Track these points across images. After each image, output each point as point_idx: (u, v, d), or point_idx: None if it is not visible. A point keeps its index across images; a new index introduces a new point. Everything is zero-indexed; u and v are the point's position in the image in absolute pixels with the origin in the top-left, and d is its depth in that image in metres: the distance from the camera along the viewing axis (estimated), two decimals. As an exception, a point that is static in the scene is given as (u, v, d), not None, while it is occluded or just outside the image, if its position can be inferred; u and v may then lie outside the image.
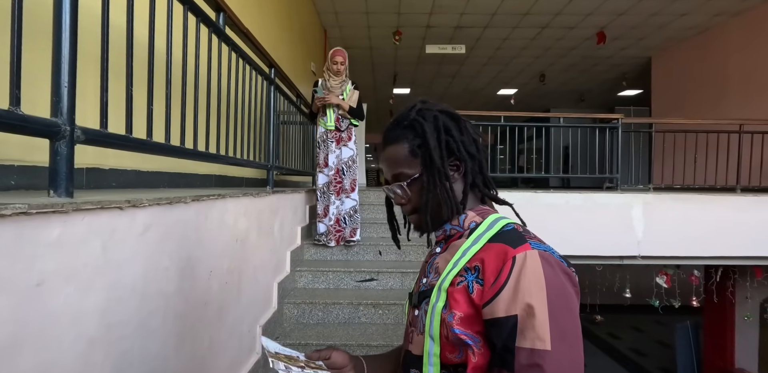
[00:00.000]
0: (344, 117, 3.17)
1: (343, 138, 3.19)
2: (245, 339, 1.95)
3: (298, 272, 3.00)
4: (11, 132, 0.72)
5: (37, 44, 1.09)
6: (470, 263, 0.65)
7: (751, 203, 3.85)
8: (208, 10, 1.53)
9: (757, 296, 5.53)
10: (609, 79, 9.41)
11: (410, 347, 0.71)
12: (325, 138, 3.20)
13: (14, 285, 0.66)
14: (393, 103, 10.85)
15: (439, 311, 0.65)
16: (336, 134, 3.17)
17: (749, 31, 5.88)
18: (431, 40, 7.11)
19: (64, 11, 0.81)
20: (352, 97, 3.16)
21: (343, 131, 3.19)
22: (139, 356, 1.02)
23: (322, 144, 3.22)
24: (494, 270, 0.61)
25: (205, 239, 1.42)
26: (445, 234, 0.74)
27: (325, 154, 3.20)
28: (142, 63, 1.11)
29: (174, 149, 1.29)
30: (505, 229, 0.67)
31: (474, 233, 0.69)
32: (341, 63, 3.12)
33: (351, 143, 3.23)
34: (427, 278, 0.73)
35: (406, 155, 0.71)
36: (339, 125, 3.16)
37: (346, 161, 3.19)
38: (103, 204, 0.85)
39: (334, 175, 3.15)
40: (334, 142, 3.16)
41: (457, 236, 0.72)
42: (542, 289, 0.57)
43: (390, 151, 0.73)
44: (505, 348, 0.57)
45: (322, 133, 3.21)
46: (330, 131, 3.16)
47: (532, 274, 0.58)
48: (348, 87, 3.18)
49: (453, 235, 0.73)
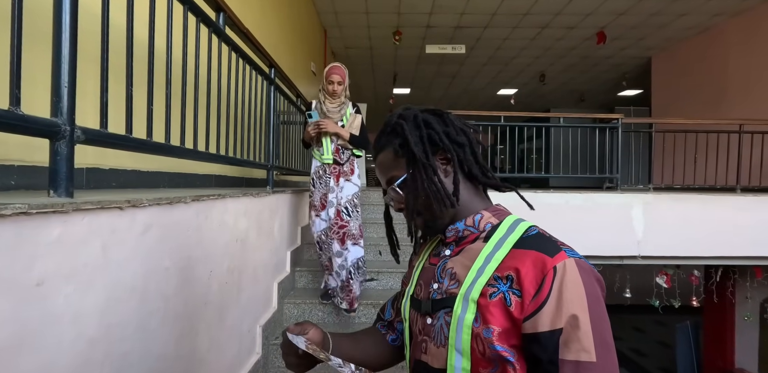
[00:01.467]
0: (344, 147, 2.55)
1: (345, 172, 2.55)
2: (245, 339, 1.95)
3: (298, 272, 3.00)
4: (11, 132, 0.72)
5: (37, 44, 1.09)
6: (500, 271, 0.61)
7: (751, 202, 3.85)
8: (208, 10, 1.53)
9: (757, 296, 5.53)
10: (609, 79, 9.41)
11: (425, 359, 0.67)
12: (320, 174, 2.55)
13: (14, 285, 0.66)
14: (393, 103, 10.85)
15: (469, 324, 0.60)
16: (335, 169, 2.53)
17: (749, 31, 5.88)
18: (431, 40, 7.11)
19: (64, 11, 0.81)
20: (354, 123, 2.55)
21: (344, 164, 2.55)
22: (139, 356, 1.02)
23: (318, 181, 2.57)
24: (533, 281, 0.57)
25: (205, 239, 1.42)
26: (457, 235, 0.70)
27: (321, 193, 2.55)
28: (142, 63, 1.11)
29: (174, 149, 1.29)
30: (530, 233, 0.64)
31: (493, 236, 0.66)
32: (338, 83, 2.47)
33: (354, 177, 2.58)
34: (440, 283, 0.68)
35: (393, 158, 0.71)
36: (338, 158, 2.53)
37: (350, 199, 2.54)
38: (103, 204, 0.85)
39: (335, 219, 2.50)
40: (332, 179, 2.53)
41: (471, 238, 0.68)
42: (583, 299, 0.56)
43: (380, 160, 0.73)
44: (550, 362, 0.55)
45: (316, 167, 2.58)
46: (327, 165, 2.54)
47: (573, 285, 0.56)
48: (348, 110, 2.58)
49: (466, 236, 0.69)
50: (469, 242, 0.68)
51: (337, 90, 2.50)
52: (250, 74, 2.10)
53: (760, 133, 4.30)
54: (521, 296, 0.58)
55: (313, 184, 2.61)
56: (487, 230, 0.67)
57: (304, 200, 3.51)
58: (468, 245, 0.68)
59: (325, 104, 2.56)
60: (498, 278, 0.60)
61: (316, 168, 2.60)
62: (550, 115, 4.78)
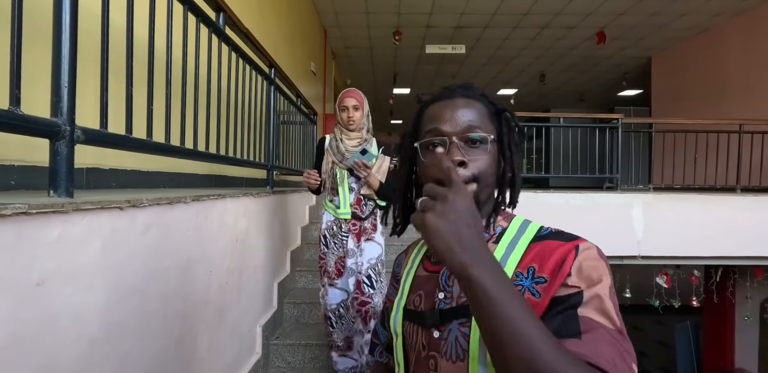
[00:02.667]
0: (368, 198, 2.03)
1: (366, 230, 2.02)
2: (245, 339, 1.95)
3: (298, 272, 3.00)
4: (11, 132, 0.72)
5: (37, 44, 1.09)
6: (520, 267, 0.57)
7: (751, 202, 3.85)
8: (208, 10, 1.53)
9: (757, 296, 5.52)
10: (609, 79, 9.41)
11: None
12: (335, 231, 2.03)
13: (14, 285, 0.66)
14: (393, 103, 10.85)
15: None
16: (354, 225, 2.01)
17: (749, 31, 5.88)
18: (431, 40, 7.11)
19: (64, 11, 0.81)
20: (381, 168, 1.99)
21: (366, 219, 2.03)
22: (139, 356, 1.02)
23: (332, 240, 2.03)
24: (556, 263, 0.55)
25: (205, 239, 1.42)
26: None
27: (337, 256, 2.01)
28: (142, 63, 1.11)
29: (174, 149, 1.29)
30: (543, 232, 0.61)
31: (503, 239, 0.62)
32: (355, 107, 1.94)
33: (378, 235, 2.05)
34: (447, 292, 0.61)
35: (485, 114, 0.64)
36: (359, 211, 2.01)
37: (374, 265, 2.01)
38: (103, 204, 0.85)
39: (356, 292, 1.98)
40: (351, 238, 2.00)
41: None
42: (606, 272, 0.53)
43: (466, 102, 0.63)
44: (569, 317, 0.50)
45: (329, 223, 2.04)
46: (344, 221, 2.02)
47: (595, 260, 0.54)
48: (373, 149, 2.00)
49: None
50: None
51: (355, 118, 1.94)
52: (250, 74, 2.10)
53: (760, 133, 4.30)
54: (546, 281, 0.54)
55: (324, 243, 2.05)
56: (498, 233, 0.64)
57: (304, 200, 3.51)
58: None
59: (342, 143, 1.98)
60: (519, 274, 0.57)
61: (328, 223, 2.05)
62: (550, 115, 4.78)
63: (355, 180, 2.00)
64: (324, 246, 2.05)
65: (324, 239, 2.06)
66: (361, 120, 1.98)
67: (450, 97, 0.64)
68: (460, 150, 0.60)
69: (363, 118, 1.98)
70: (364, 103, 1.99)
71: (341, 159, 1.97)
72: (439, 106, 0.64)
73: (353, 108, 1.95)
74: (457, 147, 0.60)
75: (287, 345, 2.37)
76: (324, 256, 2.05)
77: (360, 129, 2.00)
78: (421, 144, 0.63)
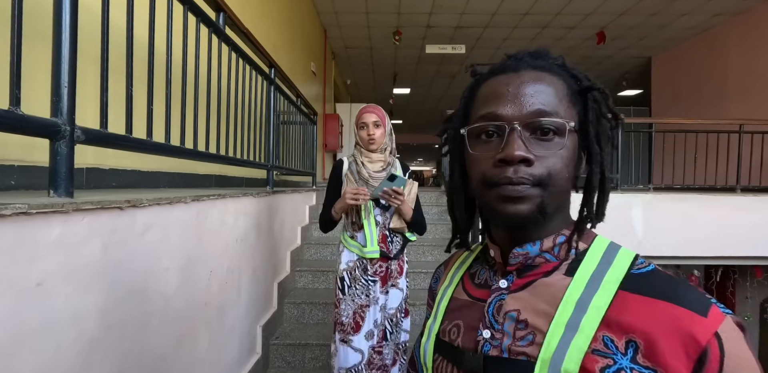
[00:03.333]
0: (397, 232, 1.72)
1: (393, 273, 1.72)
2: (245, 339, 1.95)
3: (298, 272, 3.00)
4: (11, 132, 0.72)
5: (37, 44, 1.09)
6: (609, 329, 0.40)
7: (751, 202, 3.85)
8: (208, 10, 1.53)
9: (757, 296, 5.53)
10: (609, 79, 9.40)
11: None
12: (357, 274, 1.70)
13: (14, 285, 0.66)
14: (393, 103, 10.85)
15: None
16: (381, 267, 1.70)
17: (749, 31, 5.88)
18: (431, 40, 7.11)
19: (64, 11, 0.81)
20: (411, 194, 1.69)
21: (395, 258, 1.72)
22: (139, 356, 1.02)
23: (355, 285, 1.69)
24: (682, 356, 0.37)
25: (205, 239, 1.42)
26: (524, 261, 0.47)
27: (357, 305, 1.68)
28: (142, 63, 1.11)
29: (174, 149, 1.29)
30: (643, 269, 0.43)
31: (580, 269, 0.45)
32: (375, 124, 1.67)
33: (402, 280, 1.75)
34: (496, 331, 0.46)
35: (565, 94, 0.46)
36: (387, 249, 1.69)
37: (395, 313, 1.73)
38: (103, 204, 0.85)
39: (377, 347, 1.69)
40: (376, 283, 1.69)
41: (545, 268, 0.47)
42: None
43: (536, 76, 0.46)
44: None
45: (350, 263, 1.71)
46: (369, 261, 1.69)
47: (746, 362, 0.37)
48: (398, 173, 1.69)
49: (537, 265, 0.47)
50: (540, 273, 0.47)
51: (376, 136, 1.66)
52: (250, 74, 2.10)
53: (760, 133, 4.30)
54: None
55: (341, 287, 1.70)
56: (571, 259, 0.47)
57: (304, 200, 3.51)
58: (539, 277, 0.47)
59: (364, 167, 1.68)
60: (609, 342, 0.40)
61: (348, 264, 1.71)
62: (550, 115, 4.78)
63: (380, 211, 1.69)
64: (340, 291, 1.70)
65: (341, 282, 1.70)
66: (383, 139, 1.69)
67: (515, 69, 0.47)
68: (524, 142, 0.44)
69: (385, 137, 1.70)
70: (386, 120, 1.71)
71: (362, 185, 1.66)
72: (499, 81, 0.47)
73: (373, 125, 1.67)
74: (520, 138, 0.44)
75: (287, 345, 2.38)
76: (339, 303, 1.69)
77: (383, 150, 1.71)
78: (470, 131, 0.47)
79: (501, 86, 0.47)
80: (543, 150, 0.44)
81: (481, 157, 0.46)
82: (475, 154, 0.47)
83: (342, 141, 7.34)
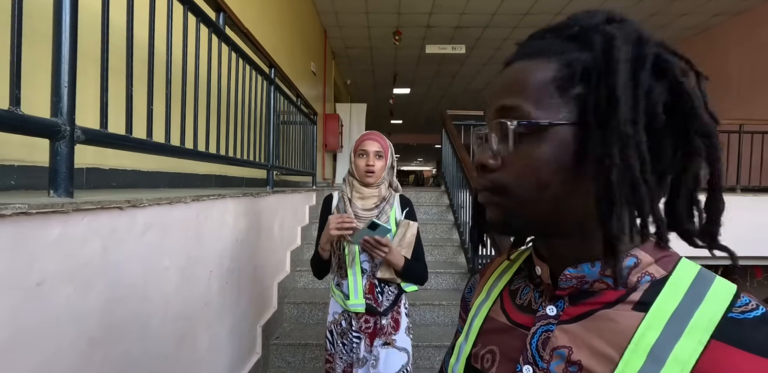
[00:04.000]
0: (388, 282, 1.44)
1: (384, 328, 1.43)
2: (245, 339, 1.95)
3: (298, 272, 3.00)
4: (11, 132, 0.72)
5: (37, 44, 1.09)
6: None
7: (751, 202, 3.85)
8: (208, 10, 1.53)
9: (757, 296, 5.52)
10: (609, 79, 9.41)
11: None
12: (343, 328, 1.47)
13: (14, 285, 0.66)
14: (393, 103, 10.85)
15: None
16: (368, 322, 1.43)
17: (749, 31, 5.88)
18: (431, 40, 7.11)
19: (64, 11, 0.81)
20: (405, 237, 1.44)
21: (386, 313, 1.43)
22: (139, 356, 1.02)
23: (340, 340, 1.46)
24: None
25: (205, 239, 1.42)
26: (579, 286, 0.38)
27: (346, 363, 1.46)
28: (142, 63, 1.11)
29: (174, 149, 1.29)
30: (750, 312, 0.32)
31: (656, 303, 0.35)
32: (377, 154, 1.43)
33: (401, 336, 1.44)
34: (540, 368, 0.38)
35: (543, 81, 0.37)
36: (375, 302, 1.42)
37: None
38: (103, 204, 0.85)
39: None
40: (363, 340, 1.43)
41: (609, 297, 0.37)
42: None
43: (515, 70, 0.39)
44: None
45: (336, 316, 1.49)
46: (354, 316, 1.45)
47: None
48: (394, 213, 1.48)
49: (595, 292, 0.38)
50: (600, 303, 0.37)
51: (376, 168, 1.42)
52: (250, 74, 2.10)
53: (760, 133, 4.30)
54: None
55: (330, 341, 1.49)
56: (643, 289, 0.36)
57: (304, 200, 3.51)
58: (600, 308, 0.37)
59: (351, 204, 1.45)
60: None
61: (335, 316, 1.50)
62: (550, 115, 4.78)
63: (368, 257, 1.43)
64: (331, 345, 1.49)
65: (330, 335, 1.49)
66: (383, 172, 1.45)
67: (508, 61, 0.42)
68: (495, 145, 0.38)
69: (385, 171, 1.46)
70: (389, 152, 1.46)
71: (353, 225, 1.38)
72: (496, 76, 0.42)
73: (375, 155, 1.43)
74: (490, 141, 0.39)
75: (287, 345, 2.38)
76: (331, 358, 1.48)
77: (377, 182, 1.46)
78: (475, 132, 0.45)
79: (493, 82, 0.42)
80: (514, 153, 0.37)
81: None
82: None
83: (342, 141, 7.34)
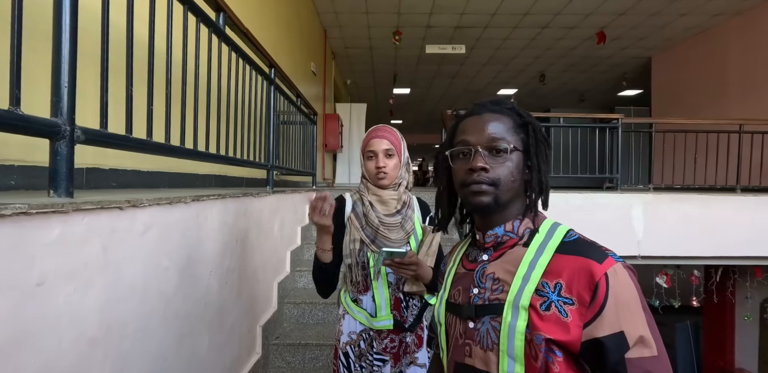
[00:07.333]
0: (414, 295, 1.31)
1: (409, 347, 1.31)
2: (245, 339, 1.95)
3: (298, 272, 3.00)
4: (11, 132, 0.72)
5: (37, 44, 1.09)
6: (546, 277, 0.63)
7: (751, 202, 3.85)
8: (208, 10, 1.53)
9: (757, 296, 5.52)
10: (609, 79, 9.41)
11: (470, 362, 0.68)
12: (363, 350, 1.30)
13: (14, 285, 0.66)
14: (393, 103, 10.85)
15: (521, 331, 0.62)
16: (393, 341, 1.29)
17: (749, 31, 5.88)
18: (431, 40, 7.11)
19: (64, 11, 0.81)
20: (431, 248, 1.31)
21: (411, 330, 1.31)
22: (139, 356, 1.02)
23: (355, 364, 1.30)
24: (586, 288, 0.59)
25: (205, 239, 1.42)
26: (496, 240, 0.71)
27: None
28: (142, 63, 1.11)
29: (174, 149, 1.29)
30: (570, 238, 0.66)
31: (532, 241, 0.68)
32: (386, 153, 1.27)
33: (423, 353, 1.33)
34: (481, 288, 0.69)
35: (511, 126, 0.70)
36: (402, 317, 1.29)
37: None
38: (103, 204, 0.85)
39: None
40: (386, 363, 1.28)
41: (510, 243, 0.70)
42: (637, 300, 0.59)
43: (492, 117, 0.71)
44: (617, 363, 0.57)
45: (352, 335, 1.32)
46: (377, 334, 1.29)
47: (626, 288, 0.59)
48: (417, 220, 1.34)
49: (505, 242, 0.71)
50: (507, 246, 0.70)
51: (388, 168, 1.27)
52: (250, 74, 2.10)
53: (760, 133, 4.30)
54: (574, 304, 0.60)
55: (345, 365, 1.31)
56: (526, 236, 0.69)
57: (304, 200, 3.50)
58: (507, 249, 0.70)
59: (372, 209, 1.29)
60: (546, 285, 0.62)
61: (351, 336, 1.32)
62: (550, 115, 4.77)
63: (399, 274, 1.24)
64: (345, 369, 1.30)
65: (345, 359, 1.30)
66: (397, 172, 1.28)
67: (479, 113, 0.72)
68: (483, 158, 0.68)
69: (400, 169, 1.29)
70: (402, 147, 1.30)
71: (374, 237, 1.26)
72: (469, 120, 0.73)
73: (384, 154, 1.26)
74: (480, 155, 0.68)
75: (287, 345, 2.38)
76: None
77: (396, 186, 1.30)
78: (452, 152, 0.72)
79: (470, 123, 0.72)
80: (496, 163, 0.68)
81: (459, 168, 0.71)
82: (455, 166, 0.72)
83: (342, 141, 7.34)
